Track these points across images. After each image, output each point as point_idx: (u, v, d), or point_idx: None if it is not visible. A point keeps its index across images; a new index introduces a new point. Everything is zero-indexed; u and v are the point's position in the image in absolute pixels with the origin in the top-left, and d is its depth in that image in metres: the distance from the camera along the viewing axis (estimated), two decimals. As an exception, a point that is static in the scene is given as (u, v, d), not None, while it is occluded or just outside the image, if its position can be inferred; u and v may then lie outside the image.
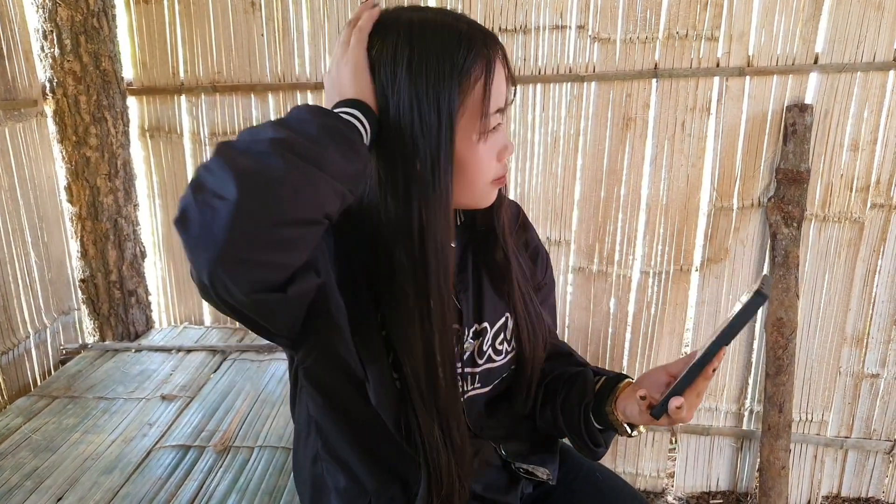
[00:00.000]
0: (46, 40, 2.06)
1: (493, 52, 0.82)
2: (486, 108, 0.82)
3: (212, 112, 2.27)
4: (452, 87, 0.79)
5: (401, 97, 0.80)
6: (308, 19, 2.15)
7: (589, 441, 1.02)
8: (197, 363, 2.11)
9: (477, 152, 0.85)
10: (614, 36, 2.00)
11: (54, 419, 1.77)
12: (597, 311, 2.24)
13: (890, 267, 2.05)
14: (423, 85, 0.79)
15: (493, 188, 0.90)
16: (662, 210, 2.11)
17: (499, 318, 1.01)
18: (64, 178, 2.18)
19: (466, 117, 0.82)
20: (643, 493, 2.35)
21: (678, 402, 0.83)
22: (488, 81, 0.81)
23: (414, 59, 0.79)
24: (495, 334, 1.01)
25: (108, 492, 1.47)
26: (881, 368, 2.14)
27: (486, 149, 0.85)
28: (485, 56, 0.81)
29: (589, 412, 1.00)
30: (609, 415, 0.97)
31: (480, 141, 0.84)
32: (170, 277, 2.46)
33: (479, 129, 0.83)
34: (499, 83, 0.83)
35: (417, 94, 0.79)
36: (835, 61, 1.91)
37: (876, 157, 1.97)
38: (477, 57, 0.81)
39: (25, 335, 2.07)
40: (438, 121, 0.79)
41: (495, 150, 0.87)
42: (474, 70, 0.80)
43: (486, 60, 0.81)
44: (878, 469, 2.24)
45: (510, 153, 0.89)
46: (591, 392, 1.01)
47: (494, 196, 0.92)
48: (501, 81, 0.84)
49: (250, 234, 0.63)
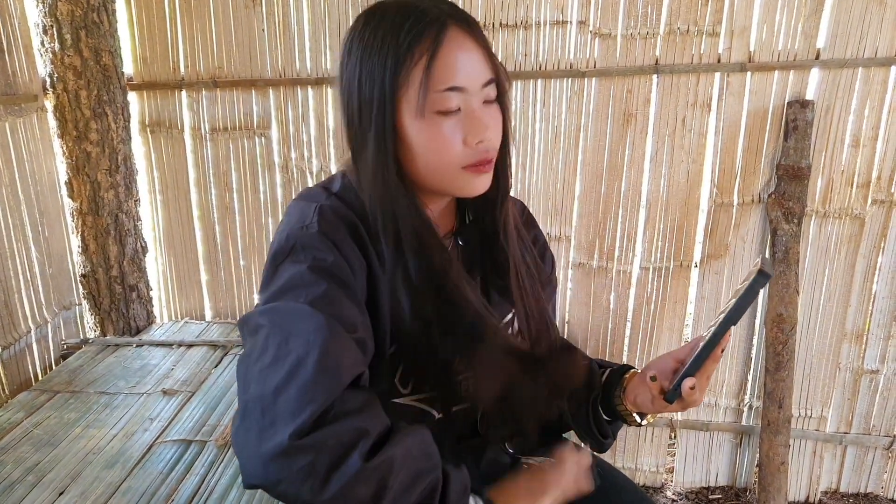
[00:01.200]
0: (46, 35, 2.06)
1: (444, 29, 0.81)
2: (427, 86, 0.80)
3: (212, 107, 2.27)
4: (387, 66, 0.80)
5: (351, 71, 0.84)
6: (309, 14, 2.15)
7: (597, 432, 1.05)
8: (198, 358, 2.12)
9: (423, 132, 0.83)
10: (615, 31, 1.99)
11: (55, 414, 1.78)
12: (597, 306, 2.24)
13: (890, 263, 2.05)
14: (368, 59, 0.82)
15: (470, 175, 0.86)
16: (663, 206, 2.11)
17: (505, 313, 1.02)
18: (65, 173, 2.18)
19: (411, 94, 0.81)
20: (642, 488, 2.36)
21: (691, 382, 0.86)
22: (432, 58, 0.80)
23: (366, 34, 0.82)
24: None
25: (110, 486, 1.48)
26: (881, 364, 2.14)
27: (438, 130, 0.82)
28: (432, 32, 0.80)
29: (598, 404, 1.03)
30: (618, 405, 1.00)
31: (422, 120, 0.82)
32: (171, 272, 2.47)
33: (419, 108, 0.81)
34: (448, 61, 0.81)
35: (361, 69, 0.82)
36: (836, 57, 1.90)
37: (877, 154, 1.96)
38: (423, 32, 0.80)
39: (27, 330, 2.08)
40: (374, 94, 0.82)
41: (458, 132, 0.83)
42: (418, 46, 0.80)
43: (433, 37, 0.80)
44: (877, 465, 2.25)
45: (480, 138, 0.84)
46: (598, 384, 1.04)
47: (479, 185, 0.88)
48: (456, 60, 0.81)
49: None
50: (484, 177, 0.88)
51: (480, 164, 0.86)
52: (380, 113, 0.82)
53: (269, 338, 0.74)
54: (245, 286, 2.44)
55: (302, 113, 2.24)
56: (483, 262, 1.01)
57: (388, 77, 0.80)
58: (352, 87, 0.84)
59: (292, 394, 0.69)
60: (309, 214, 0.84)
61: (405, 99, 0.81)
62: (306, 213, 0.84)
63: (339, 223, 0.84)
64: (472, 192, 0.88)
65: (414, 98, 0.81)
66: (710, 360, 0.87)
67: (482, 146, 0.85)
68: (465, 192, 0.89)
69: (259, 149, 2.29)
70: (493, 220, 0.98)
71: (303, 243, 0.81)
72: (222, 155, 2.31)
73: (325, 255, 0.80)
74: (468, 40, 0.83)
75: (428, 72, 0.80)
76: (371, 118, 0.82)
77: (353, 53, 0.84)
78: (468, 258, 1.00)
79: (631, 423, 1.01)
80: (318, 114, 2.23)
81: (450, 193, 0.91)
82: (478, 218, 1.01)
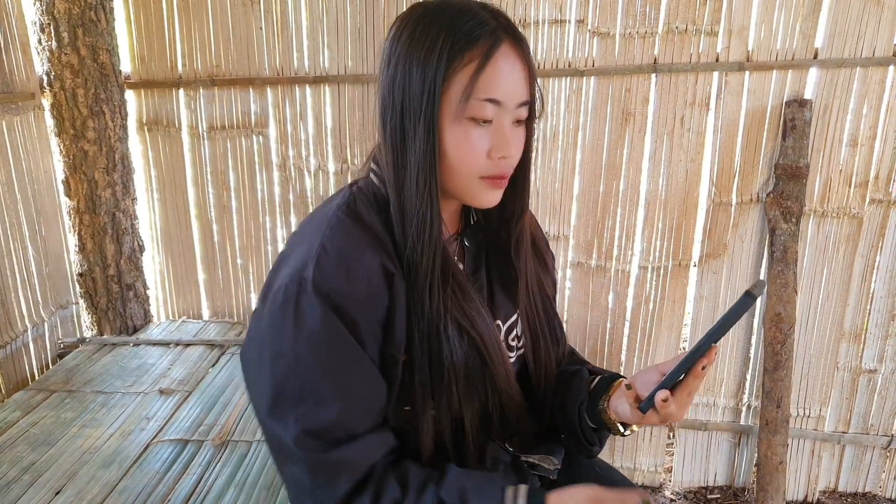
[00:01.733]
0: (44, 33, 2.05)
1: (498, 42, 0.82)
2: (469, 91, 0.81)
3: (210, 106, 2.26)
4: (441, 61, 0.81)
5: (397, 64, 0.84)
6: (307, 13, 2.15)
7: (584, 440, 1.04)
8: (195, 357, 2.11)
9: (454, 134, 0.84)
10: (613, 30, 1.99)
11: (52, 413, 1.77)
12: (595, 305, 2.24)
13: (888, 262, 2.05)
14: (418, 53, 0.82)
15: (486, 187, 0.88)
16: (661, 205, 2.11)
17: (510, 315, 1.04)
18: (62, 171, 2.18)
19: (453, 95, 0.82)
20: (641, 487, 2.35)
21: (663, 394, 0.84)
22: (481, 66, 0.81)
23: (418, 30, 0.83)
24: (507, 330, 1.03)
25: (107, 485, 1.47)
26: (879, 364, 2.14)
27: (467, 136, 0.84)
28: (487, 42, 0.81)
29: (583, 411, 1.02)
30: (602, 413, 0.99)
31: (457, 123, 0.83)
32: (168, 271, 2.46)
33: (457, 110, 0.83)
34: (494, 74, 0.82)
35: (410, 62, 0.82)
36: (834, 56, 1.90)
37: (875, 153, 1.96)
38: (477, 40, 0.81)
39: (23, 329, 2.07)
40: (422, 89, 0.82)
41: (485, 143, 0.85)
42: (470, 51, 0.81)
43: (487, 47, 0.81)
44: (876, 464, 2.25)
45: (503, 154, 0.86)
46: (585, 391, 1.03)
47: (492, 198, 0.90)
48: (501, 74, 0.83)
49: None
50: (497, 192, 0.90)
51: (496, 178, 0.88)
52: (429, 104, 0.82)
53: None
54: (243, 285, 2.44)
55: (300, 111, 2.23)
56: (489, 263, 1.03)
57: (440, 72, 0.81)
58: (400, 75, 0.84)
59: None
60: (309, 260, 0.83)
61: (447, 98, 0.82)
62: (307, 257, 0.84)
63: (343, 262, 0.83)
64: (484, 203, 0.90)
65: (455, 100, 0.82)
66: (690, 377, 0.85)
67: (503, 162, 0.87)
68: (476, 202, 0.91)
69: (257, 147, 2.29)
70: (508, 235, 1.00)
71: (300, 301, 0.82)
72: (220, 153, 2.31)
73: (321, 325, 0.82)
74: (518, 58, 0.84)
75: (475, 77, 0.81)
76: (421, 109, 0.82)
77: (405, 42, 0.84)
78: (473, 259, 1.02)
79: (615, 433, 1.00)
80: (315, 112, 2.23)
81: (462, 200, 0.93)
82: (487, 223, 1.03)
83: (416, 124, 0.83)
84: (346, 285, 0.82)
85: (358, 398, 0.85)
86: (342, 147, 2.24)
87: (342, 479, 0.83)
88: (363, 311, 0.84)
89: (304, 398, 0.82)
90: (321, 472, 0.83)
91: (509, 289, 1.03)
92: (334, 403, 0.83)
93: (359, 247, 0.85)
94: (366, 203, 0.90)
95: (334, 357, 0.82)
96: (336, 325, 0.82)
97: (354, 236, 0.85)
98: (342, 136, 2.23)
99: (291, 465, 0.85)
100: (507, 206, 0.98)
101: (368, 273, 0.84)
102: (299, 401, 0.82)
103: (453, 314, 0.90)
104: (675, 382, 0.87)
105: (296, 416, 0.82)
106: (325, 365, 0.82)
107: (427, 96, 0.82)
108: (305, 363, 0.82)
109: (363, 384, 0.86)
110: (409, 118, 0.84)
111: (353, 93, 2.18)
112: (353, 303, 0.83)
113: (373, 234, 0.87)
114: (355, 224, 0.87)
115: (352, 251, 0.84)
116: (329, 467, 0.83)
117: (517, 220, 0.99)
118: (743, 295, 0.78)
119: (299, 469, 0.84)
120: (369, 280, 0.84)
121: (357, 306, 0.83)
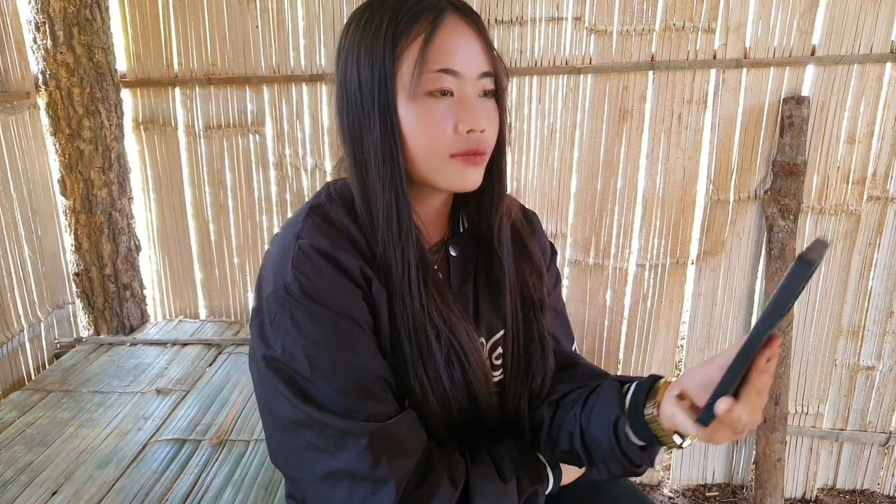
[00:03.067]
0: (39, 32, 2.04)
1: (443, 13, 0.80)
2: (420, 66, 0.79)
3: (206, 104, 2.26)
4: (388, 42, 0.80)
5: (347, 56, 0.84)
6: (303, 11, 2.14)
7: (629, 461, 0.85)
8: (192, 357, 2.10)
9: (413, 113, 0.81)
10: (611, 28, 1.99)
11: (49, 413, 1.76)
12: (593, 303, 2.24)
13: (886, 259, 2.05)
14: (364, 40, 0.81)
15: (461, 166, 0.83)
16: (659, 203, 2.11)
17: (494, 332, 0.98)
18: (57, 171, 2.17)
19: (405, 73, 0.80)
20: (639, 486, 2.35)
21: (725, 404, 0.68)
22: (428, 38, 0.79)
23: (363, 18, 0.83)
24: (491, 348, 0.98)
25: (104, 485, 1.47)
26: (877, 361, 2.15)
27: (427, 111, 0.81)
28: (430, 14, 0.80)
29: (622, 429, 0.84)
30: (652, 423, 0.80)
31: (413, 101, 0.81)
32: (165, 271, 2.45)
33: (412, 88, 0.80)
34: (444, 43, 0.80)
35: (359, 51, 0.82)
36: (831, 53, 1.90)
37: (872, 150, 1.97)
38: (420, 14, 0.80)
39: (19, 329, 2.06)
40: (372, 75, 0.81)
41: (449, 118, 0.81)
42: (416, 26, 0.80)
43: (431, 18, 0.80)
44: (874, 461, 2.25)
45: (471, 126, 0.81)
46: (616, 405, 0.86)
47: (471, 178, 0.85)
48: (450, 43, 0.80)
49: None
50: (475, 170, 0.85)
51: (470, 155, 0.83)
52: (381, 89, 0.80)
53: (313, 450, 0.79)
54: (240, 284, 2.43)
55: (296, 110, 2.22)
56: (477, 274, 0.98)
57: (388, 53, 0.79)
58: (350, 66, 0.83)
59: None
60: (287, 264, 0.81)
61: (399, 78, 0.80)
62: (285, 261, 0.82)
63: (321, 260, 0.81)
64: (464, 185, 0.85)
65: (408, 77, 0.80)
66: (755, 373, 0.69)
67: (473, 136, 0.82)
68: (455, 185, 0.85)
69: (253, 146, 2.28)
70: (489, 225, 0.95)
71: (291, 309, 0.80)
72: (216, 152, 2.30)
73: (318, 324, 0.79)
74: (466, 28, 0.82)
75: (423, 51, 0.79)
76: (373, 96, 0.81)
77: (352, 34, 0.84)
78: (460, 270, 0.96)
79: (670, 446, 0.81)
80: (312, 111, 2.22)
81: (440, 187, 0.86)
82: (472, 226, 0.98)
83: (371, 112, 0.81)
84: (328, 284, 0.81)
85: (378, 377, 0.83)
86: (338, 145, 2.23)
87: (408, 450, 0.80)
88: (351, 304, 0.82)
89: (345, 392, 0.79)
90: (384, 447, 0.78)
91: (496, 301, 0.97)
92: (369, 383, 0.81)
93: (335, 247, 0.82)
94: (339, 205, 0.88)
95: (345, 347, 0.80)
96: (333, 319, 0.80)
97: (331, 236, 0.83)
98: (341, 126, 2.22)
99: (343, 455, 0.78)
100: (484, 194, 0.93)
101: (350, 272, 0.82)
102: (345, 393, 0.79)
103: (433, 320, 0.86)
104: (737, 384, 0.69)
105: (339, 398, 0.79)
106: (341, 358, 0.80)
107: (378, 81, 0.80)
108: (322, 363, 0.79)
109: (381, 362, 0.84)
110: (364, 108, 0.82)
111: (350, 91, 2.17)
112: (341, 298, 0.81)
113: (347, 238, 0.85)
114: (330, 226, 0.85)
115: (330, 251, 0.82)
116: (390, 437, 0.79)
117: (496, 206, 0.94)
118: (796, 262, 0.61)
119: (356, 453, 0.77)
120: (353, 279, 0.82)
121: (345, 300, 0.81)
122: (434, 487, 0.79)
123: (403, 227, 0.83)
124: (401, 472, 0.77)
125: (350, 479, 0.77)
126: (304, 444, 0.79)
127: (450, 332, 0.86)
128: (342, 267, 0.82)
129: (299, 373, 0.79)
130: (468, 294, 0.96)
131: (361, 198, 0.86)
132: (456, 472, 0.82)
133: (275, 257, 0.84)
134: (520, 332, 0.98)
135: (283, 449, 0.82)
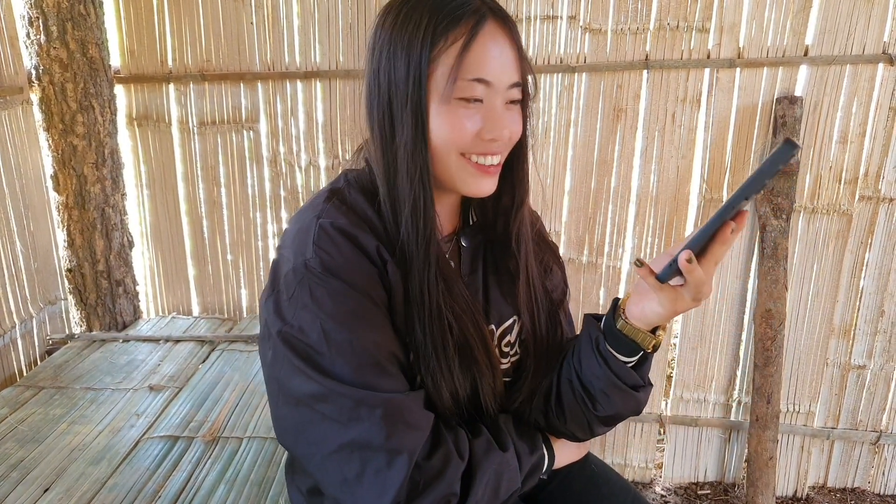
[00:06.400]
0: (32, 27, 2.03)
1: (483, 20, 0.81)
2: (455, 72, 0.80)
3: (200, 100, 2.25)
4: (425, 43, 0.79)
5: (381, 51, 0.83)
6: (298, 7, 2.14)
7: (626, 387, 0.91)
8: (185, 353, 2.10)
9: (442, 116, 0.82)
10: (605, 27, 1.99)
11: (41, 410, 1.76)
12: (586, 302, 2.24)
13: (877, 259, 2.06)
14: (402, 37, 0.81)
15: (474, 173, 0.86)
16: (652, 201, 2.11)
17: (505, 319, 1.01)
18: (50, 166, 2.16)
19: (439, 76, 0.81)
20: (631, 483, 2.36)
21: (687, 254, 0.74)
22: (466, 45, 0.80)
23: (401, 15, 0.82)
24: (501, 335, 1.00)
25: (96, 482, 1.46)
26: (868, 360, 2.16)
27: (455, 115, 0.82)
28: (471, 21, 0.80)
29: (606, 352, 0.90)
30: (625, 329, 0.87)
31: (444, 105, 0.81)
32: (157, 267, 2.45)
33: (445, 92, 0.80)
34: (481, 52, 0.80)
35: (395, 47, 0.81)
36: (825, 54, 1.91)
37: (864, 150, 1.97)
38: (461, 19, 0.80)
39: (11, 325, 2.05)
40: (407, 74, 0.80)
41: (475, 124, 0.82)
42: (454, 31, 0.80)
43: (471, 25, 0.80)
44: (864, 459, 2.26)
45: (495, 136, 0.83)
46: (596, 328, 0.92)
47: (484, 186, 0.87)
48: (488, 53, 0.81)
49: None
50: (488, 179, 0.87)
51: (482, 156, 0.85)
52: (415, 89, 0.80)
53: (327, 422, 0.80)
54: (233, 281, 2.43)
55: (291, 107, 2.22)
56: (486, 263, 1.01)
57: (425, 54, 0.79)
58: (384, 60, 0.83)
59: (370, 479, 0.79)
60: (308, 241, 0.82)
61: (433, 80, 0.81)
62: (306, 239, 0.83)
63: (341, 238, 0.83)
64: (477, 191, 0.88)
65: (442, 82, 0.80)
66: (717, 242, 0.73)
67: (493, 144, 0.85)
68: (469, 190, 0.87)
69: (247, 143, 2.28)
70: (507, 227, 0.97)
71: (311, 285, 0.80)
72: (210, 149, 2.30)
73: (336, 299, 0.80)
74: (503, 37, 0.83)
75: (460, 58, 0.80)
76: (407, 95, 0.81)
77: (388, 27, 0.83)
78: (471, 260, 0.99)
79: (647, 343, 0.87)
80: (306, 108, 2.22)
81: (454, 188, 0.88)
82: (486, 220, 1.01)
83: (404, 110, 0.82)
84: (347, 261, 0.82)
85: (390, 353, 0.84)
86: (333, 142, 2.23)
87: (421, 423, 0.82)
88: (369, 281, 0.83)
89: (360, 366, 0.80)
90: (398, 418, 0.79)
91: (507, 291, 1.00)
92: (384, 361, 0.82)
93: (355, 227, 0.84)
94: (358, 191, 0.89)
95: (361, 323, 0.81)
96: (352, 294, 0.81)
97: (350, 217, 0.85)
98: (333, 131, 2.22)
99: (357, 425, 0.79)
100: (503, 196, 0.95)
101: (368, 251, 0.84)
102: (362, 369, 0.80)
103: (449, 312, 0.88)
104: (701, 247, 0.74)
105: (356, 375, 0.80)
106: (357, 332, 0.80)
107: (413, 80, 0.80)
108: (338, 336, 0.80)
109: (394, 339, 0.85)
110: (397, 105, 0.82)
111: (345, 88, 2.17)
112: (359, 275, 0.82)
113: (366, 220, 0.86)
114: (349, 209, 0.86)
115: (350, 229, 0.83)
116: (403, 409, 0.80)
117: (517, 209, 0.96)
118: (783, 143, 0.65)
119: (370, 423, 0.78)
120: (370, 257, 0.84)
121: (363, 277, 0.82)
122: (444, 459, 0.82)
123: (428, 224, 0.85)
124: (413, 445, 0.79)
125: (363, 451, 0.78)
126: (317, 418, 0.80)
127: (461, 325, 0.89)
128: (361, 245, 0.83)
129: (314, 347, 0.80)
130: (478, 282, 0.99)
131: (387, 191, 0.86)
132: (461, 445, 0.85)
133: (294, 236, 0.85)
134: (542, 330, 1.01)
135: (293, 426, 0.83)
